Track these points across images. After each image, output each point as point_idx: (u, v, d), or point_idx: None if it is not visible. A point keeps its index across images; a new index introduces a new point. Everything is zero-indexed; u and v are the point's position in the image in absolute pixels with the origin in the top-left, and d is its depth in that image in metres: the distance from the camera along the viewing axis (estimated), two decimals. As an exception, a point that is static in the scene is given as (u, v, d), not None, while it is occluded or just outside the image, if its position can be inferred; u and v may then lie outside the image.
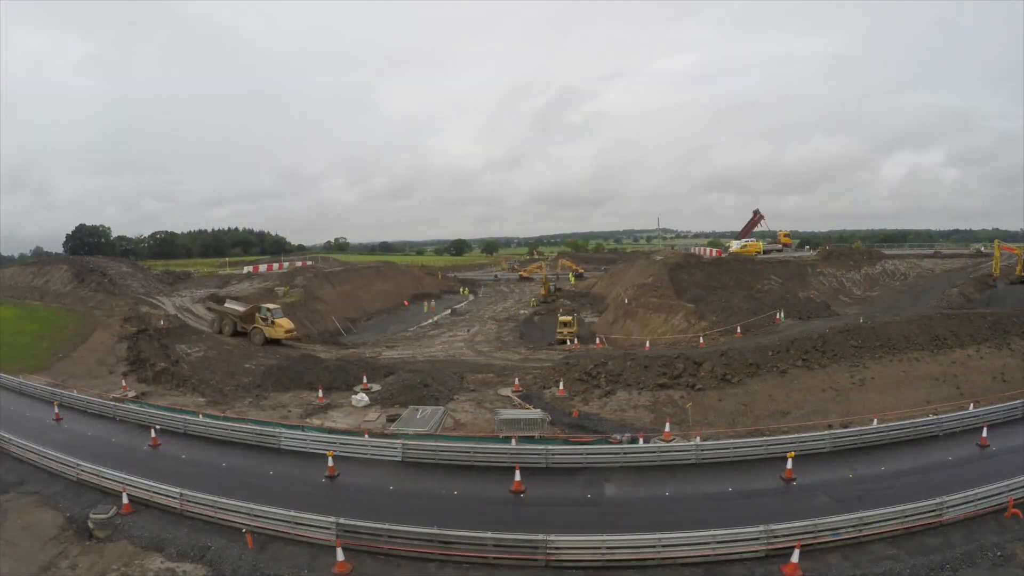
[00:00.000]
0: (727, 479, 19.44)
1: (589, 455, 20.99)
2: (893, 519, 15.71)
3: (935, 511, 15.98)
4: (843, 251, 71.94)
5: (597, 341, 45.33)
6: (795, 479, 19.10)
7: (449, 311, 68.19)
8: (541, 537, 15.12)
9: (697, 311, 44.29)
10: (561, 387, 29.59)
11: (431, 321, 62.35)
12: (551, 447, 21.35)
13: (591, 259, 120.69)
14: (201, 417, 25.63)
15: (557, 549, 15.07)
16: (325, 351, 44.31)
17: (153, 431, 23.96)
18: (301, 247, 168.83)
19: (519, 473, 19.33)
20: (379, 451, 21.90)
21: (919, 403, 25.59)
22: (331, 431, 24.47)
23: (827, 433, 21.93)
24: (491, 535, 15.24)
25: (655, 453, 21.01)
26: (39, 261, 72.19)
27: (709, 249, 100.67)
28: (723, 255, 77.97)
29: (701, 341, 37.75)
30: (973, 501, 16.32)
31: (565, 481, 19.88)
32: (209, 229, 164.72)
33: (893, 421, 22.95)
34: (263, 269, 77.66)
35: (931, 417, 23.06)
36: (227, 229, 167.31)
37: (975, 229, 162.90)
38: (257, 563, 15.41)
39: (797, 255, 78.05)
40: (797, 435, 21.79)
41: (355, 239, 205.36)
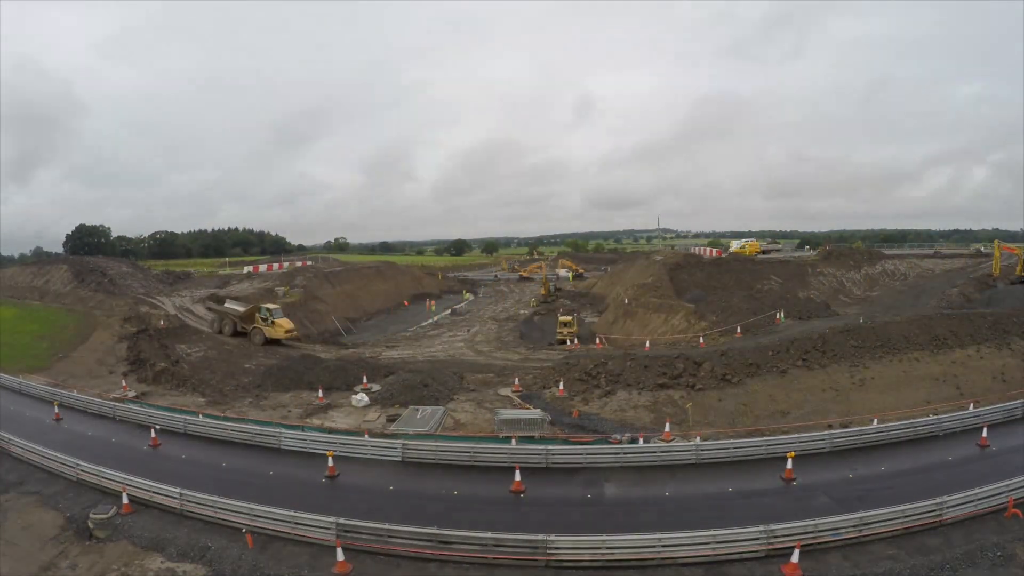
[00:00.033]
0: (727, 479, 19.44)
1: (589, 455, 21.00)
2: (893, 519, 15.72)
3: (935, 511, 15.99)
4: (843, 251, 72.10)
5: (597, 341, 45.34)
6: (795, 479, 19.10)
7: (449, 311, 68.19)
8: (541, 537, 15.12)
9: (697, 311, 44.30)
10: (561, 387, 29.58)
11: (431, 321, 62.34)
12: (551, 447, 21.36)
13: (591, 259, 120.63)
14: (201, 417, 25.63)
15: (557, 549, 15.07)
16: (325, 351, 44.31)
17: (153, 431, 23.97)
18: (301, 247, 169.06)
19: (519, 473, 19.33)
20: (379, 451, 21.90)
21: (919, 403, 25.60)
22: (331, 431, 24.47)
23: (827, 433, 21.94)
24: (491, 535, 15.24)
25: (655, 453, 21.02)
26: (39, 261, 72.23)
27: (709, 249, 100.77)
28: (723, 255, 78.05)
29: (701, 341, 37.76)
30: (973, 501, 16.33)
31: (565, 481, 19.87)
32: (209, 229, 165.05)
33: (893, 421, 22.95)
34: (263, 269, 77.72)
35: (931, 417, 23.07)
36: (227, 229, 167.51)
37: (975, 229, 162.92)
38: (257, 563, 15.41)
39: (797, 255, 78.08)
40: (797, 435, 21.79)
41: (355, 239, 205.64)
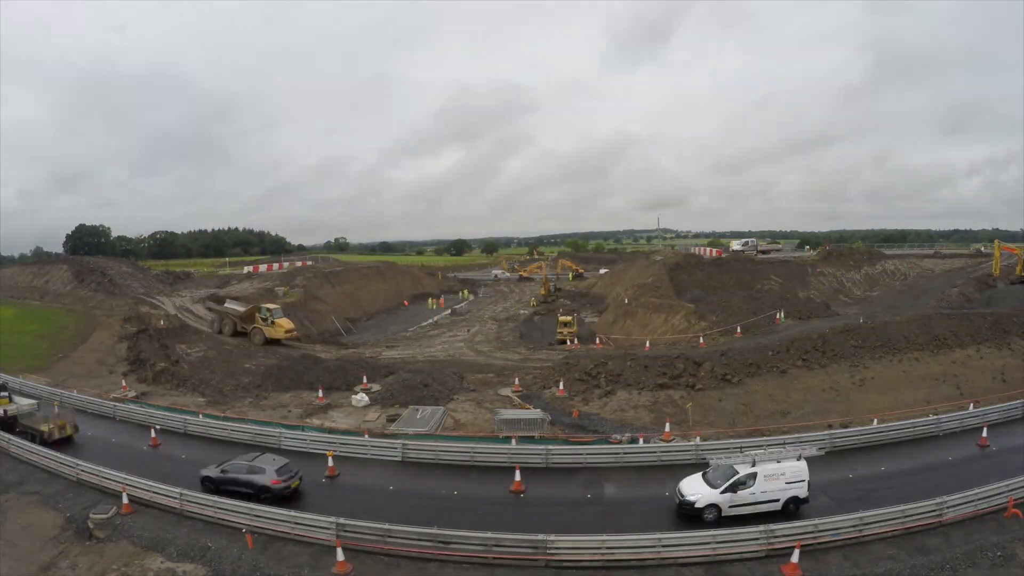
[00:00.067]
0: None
1: (589, 455, 21.02)
2: (893, 519, 15.75)
3: (935, 511, 16.02)
4: (843, 251, 72.14)
5: (597, 341, 45.33)
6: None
7: (449, 311, 68.16)
8: (541, 537, 15.14)
9: (697, 311, 44.30)
10: (561, 387, 29.57)
11: (431, 321, 62.33)
12: (551, 447, 21.38)
13: (591, 259, 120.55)
14: (201, 417, 25.65)
15: (557, 549, 15.09)
16: (325, 351, 44.31)
17: (153, 431, 23.99)
18: (301, 247, 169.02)
19: (519, 473, 19.34)
20: (379, 451, 21.92)
21: (919, 403, 25.60)
22: (331, 431, 24.47)
23: (827, 433, 21.97)
24: (491, 535, 15.25)
25: (655, 453, 21.04)
26: (39, 261, 72.35)
27: (709, 249, 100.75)
28: (723, 255, 78.04)
29: (701, 341, 37.76)
30: (973, 501, 16.36)
31: (565, 481, 19.88)
32: (209, 229, 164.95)
33: (893, 421, 22.97)
34: (263, 269, 77.70)
35: (931, 417, 23.09)
36: (227, 229, 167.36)
37: (975, 229, 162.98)
38: (257, 563, 15.42)
39: (797, 255, 78.10)
40: (797, 435, 21.80)
41: (355, 239, 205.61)
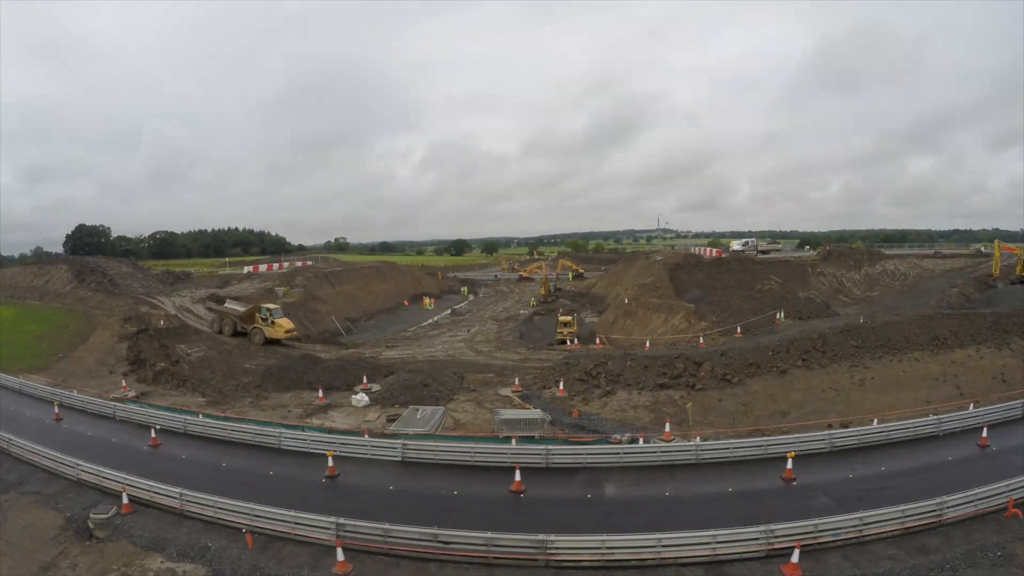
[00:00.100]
0: (727, 479, 19.43)
1: (589, 455, 20.98)
2: (893, 519, 15.73)
3: (935, 511, 15.99)
4: (843, 251, 72.08)
5: (597, 341, 45.35)
6: (795, 479, 19.09)
7: (449, 311, 68.17)
8: (541, 537, 15.12)
9: (697, 311, 44.33)
10: (561, 387, 29.58)
11: (431, 321, 62.34)
12: (551, 447, 21.35)
13: (591, 259, 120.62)
14: (201, 417, 25.62)
15: (557, 549, 15.07)
16: (325, 351, 44.29)
17: (153, 431, 23.97)
18: (301, 247, 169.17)
19: (519, 473, 19.33)
20: (379, 451, 21.88)
21: (919, 403, 25.59)
22: (331, 431, 24.45)
23: (827, 433, 21.93)
24: (491, 535, 15.24)
25: (655, 453, 21.00)
26: (39, 261, 72.34)
27: (709, 249, 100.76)
28: (723, 255, 78.03)
29: (701, 341, 37.78)
30: (973, 501, 16.33)
31: (565, 481, 19.87)
32: (209, 229, 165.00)
33: (893, 421, 22.94)
34: (263, 269, 77.72)
35: (931, 417, 23.05)
36: (227, 229, 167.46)
37: (975, 229, 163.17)
38: (257, 563, 15.41)
39: (797, 255, 78.10)
40: (797, 435, 21.79)
41: (355, 239, 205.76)
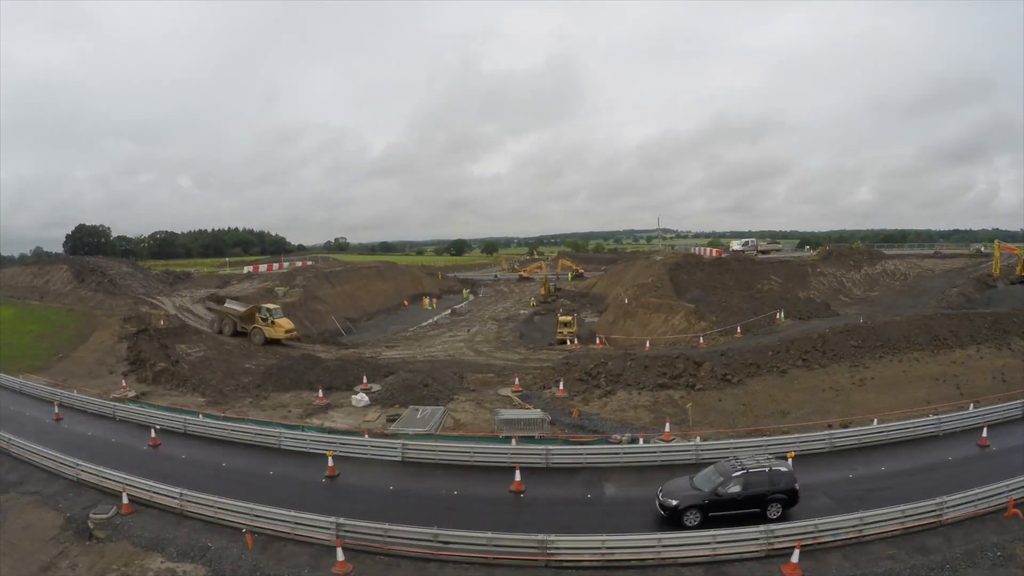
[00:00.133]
0: (727, 479, 19.40)
1: (589, 455, 20.99)
2: (893, 519, 15.72)
3: (935, 511, 15.99)
4: (843, 251, 72.14)
5: (597, 341, 45.35)
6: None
7: (449, 311, 68.18)
8: (541, 537, 15.12)
9: (697, 311, 44.32)
10: (561, 387, 29.58)
11: (431, 321, 62.34)
12: (551, 447, 21.36)
13: (591, 259, 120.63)
14: (201, 417, 25.64)
15: (557, 549, 15.07)
16: (325, 351, 44.30)
17: (153, 431, 23.98)
18: (301, 247, 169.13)
19: (519, 473, 19.33)
20: (379, 451, 21.89)
21: (919, 403, 25.58)
22: (331, 431, 24.46)
23: (827, 433, 21.95)
24: (491, 535, 15.24)
25: (655, 453, 21.01)
26: (39, 261, 72.38)
27: (709, 249, 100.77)
28: (723, 255, 78.06)
29: (701, 341, 37.77)
30: (973, 501, 16.33)
31: (565, 481, 19.87)
32: (209, 229, 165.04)
33: (893, 421, 22.94)
34: (263, 269, 77.73)
35: (931, 417, 23.06)
36: (227, 229, 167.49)
37: (975, 229, 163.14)
38: (257, 563, 15.41)
39: (797, 255, 78.12)
40: (797, 435, 21.80)
41: (355, 239, 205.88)
